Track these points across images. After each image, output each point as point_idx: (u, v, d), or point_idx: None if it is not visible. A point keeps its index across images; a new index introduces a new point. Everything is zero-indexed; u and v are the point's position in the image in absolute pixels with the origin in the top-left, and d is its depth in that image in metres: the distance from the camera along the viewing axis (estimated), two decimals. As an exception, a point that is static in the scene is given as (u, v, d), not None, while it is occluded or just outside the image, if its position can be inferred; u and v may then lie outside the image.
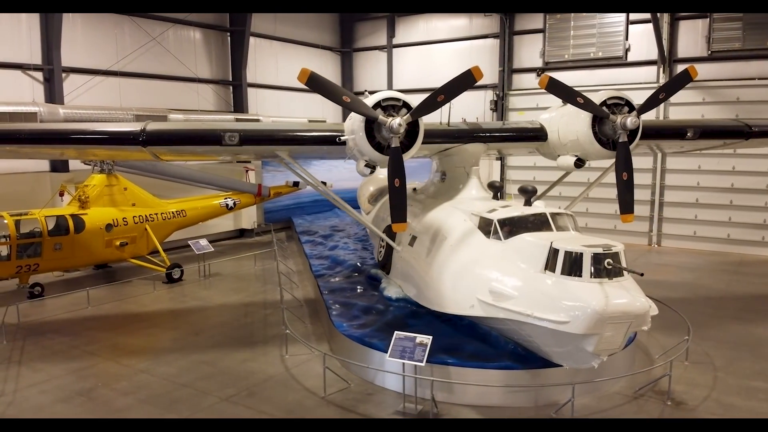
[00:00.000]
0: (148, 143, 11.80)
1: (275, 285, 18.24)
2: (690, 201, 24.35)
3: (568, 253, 8.98)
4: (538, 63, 27.53)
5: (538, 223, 10.30)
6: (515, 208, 10.90)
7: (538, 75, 27.63)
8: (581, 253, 8.86)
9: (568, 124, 12.47)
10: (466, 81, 10.91)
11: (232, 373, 12.01)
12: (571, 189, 26.36)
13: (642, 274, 8.85)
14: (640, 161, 24.85)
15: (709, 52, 23.50)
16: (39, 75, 20.25)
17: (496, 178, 28.71)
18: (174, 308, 16.74)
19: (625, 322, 8.57)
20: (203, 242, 20.56)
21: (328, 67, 32.51)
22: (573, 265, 8.91)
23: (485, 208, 11.33)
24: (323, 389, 10.91)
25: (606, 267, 8.77)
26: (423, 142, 12.38)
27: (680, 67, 24.16)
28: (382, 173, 21.21)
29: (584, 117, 12.05)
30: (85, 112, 19.49)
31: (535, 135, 13.28)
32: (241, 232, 27.49)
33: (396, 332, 10.60)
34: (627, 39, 25.07)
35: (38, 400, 10.85)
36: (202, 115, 24.15)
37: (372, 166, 11.82)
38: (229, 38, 27.05)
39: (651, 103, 11.94)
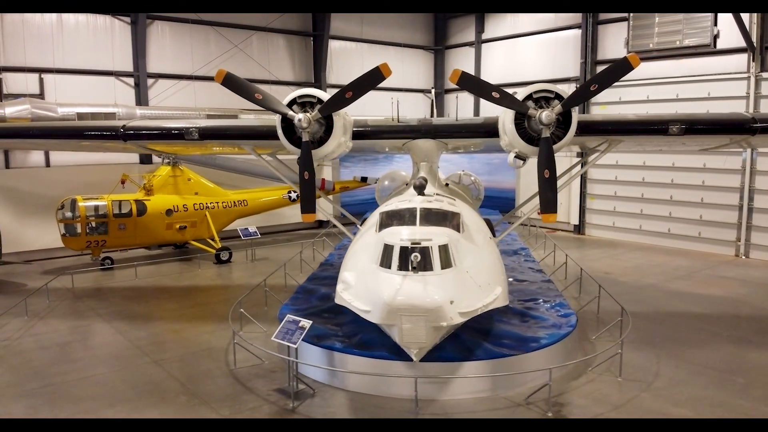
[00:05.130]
0: (127, 138, 13.77)
1: (302, 271, 19.58)
2: (783, 207, 21.11)
3: (386, 246, 9.03)
4: (623, 53, 25.41)
5: (409, 216, 10.29)
6: (405, 202, 10.93)
7: (623, 67, 25.61)
8: (392, 246, 8.86)
9: (502, 119, 12.06)
10: (375, 78, 11.19)
11: (184, 341, 13.58)
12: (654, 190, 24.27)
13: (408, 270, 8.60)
14: (726, 161, 22.10)
15: (808, 35, 20.19)
16: (131, 81, 23.82)
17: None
18: (200, 285, 18.89)
19: (419, 316, 8.40)
20: (251, 229, 22.62)
21: (419, 66, 33.09)
22: (389, 258, 8.93)
23: (391, 202, 11.50)
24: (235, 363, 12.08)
25: (413, 261, 8.67)
26: (357, 137, 12.89)
27: (775, 54, 21.05)
28: (403, 170, 21.65)
29: (510, 112, 11.59)
30: (159, 112, 22.55)
31: (485, 131, 12.95)
32: (319, 224, 29.33)
33: (288, 315, 11.31)
34: (716, 25, 22.31)
35: (25, 345, 13.35)
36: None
37: None
38: (312, 42, 28.97)
39: (579, 97, 11.11)
